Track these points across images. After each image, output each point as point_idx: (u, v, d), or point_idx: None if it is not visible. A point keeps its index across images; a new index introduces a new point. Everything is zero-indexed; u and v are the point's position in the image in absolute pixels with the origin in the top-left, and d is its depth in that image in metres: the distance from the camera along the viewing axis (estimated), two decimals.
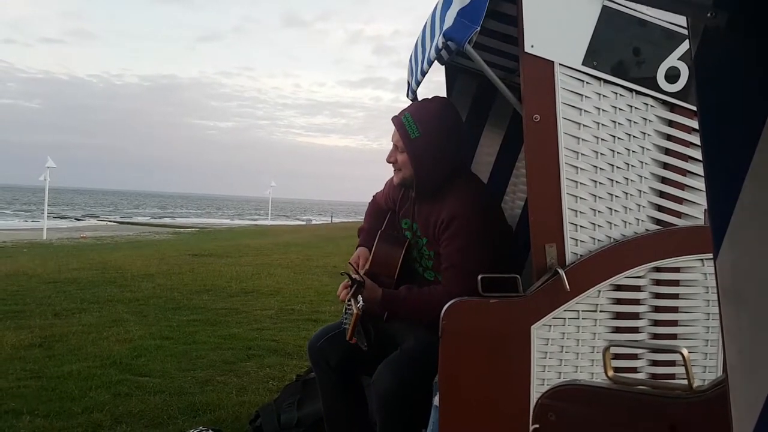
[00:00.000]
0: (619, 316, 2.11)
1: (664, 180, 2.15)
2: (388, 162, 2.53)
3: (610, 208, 2.11)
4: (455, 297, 2.08)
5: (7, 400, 3.90)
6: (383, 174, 2.91)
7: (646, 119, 2.13)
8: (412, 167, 2.42)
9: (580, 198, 2.08)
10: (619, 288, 2.10)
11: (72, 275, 9.45)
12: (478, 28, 2.05)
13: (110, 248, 15.88)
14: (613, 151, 2.11)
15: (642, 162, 2.13)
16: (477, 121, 3.45)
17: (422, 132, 2.39)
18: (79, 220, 49.79)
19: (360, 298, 2.35)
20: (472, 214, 2.37)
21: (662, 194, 2.15)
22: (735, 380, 0.79)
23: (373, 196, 2.94)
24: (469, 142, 3.19)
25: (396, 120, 2.46)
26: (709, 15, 0.76)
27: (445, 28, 2.12)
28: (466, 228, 2.34)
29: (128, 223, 45.87)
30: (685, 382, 1.13)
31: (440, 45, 2.18)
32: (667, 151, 2.15)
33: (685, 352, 1.09)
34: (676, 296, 2.14)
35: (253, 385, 4.33)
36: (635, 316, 2.12)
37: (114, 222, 47.05)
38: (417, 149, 2.40)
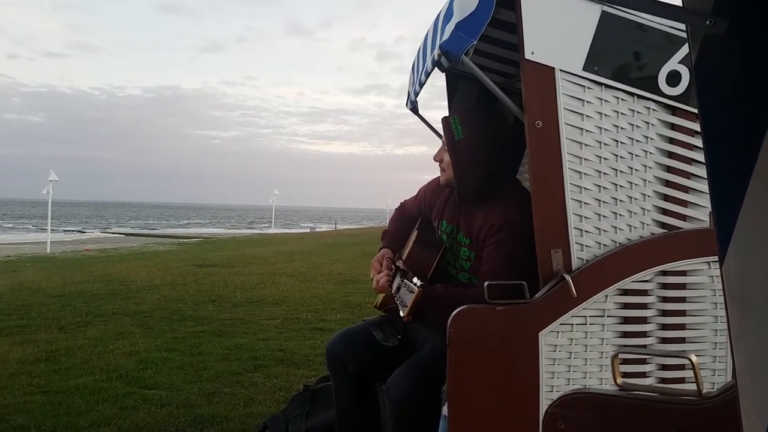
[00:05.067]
0: (626, 320, 2.11)
1: (668, 183, 2.15)
2: (435, 160, 2.55)
3: (615, 213, 2.11)
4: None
5: (14, 415, 3.90)
6: (388, 181, 2.93)
7: (648, 123, 2.13)
8: (454, 165, 2.45)
9: (585, 203, 2.08)
10: (626, 292, 2.10)
11: (77, 288, 9.47)
12: (475, 42, 2.06)
13: (114, 260, 15.90)
14: (617, 155, 2.11)
15: (645, 166, 2.13)
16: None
17: (466, 135, 2.42)
18: (82, 232, 49.90)
19: (416, 279, 2.34)
20: (521, 226, 2.34)
21: (667, 197, 2.15)
22: (744, 385, 0.79)
23: (401, 203, 2.97)
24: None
25: (444, 120, 2.49)
26: (708, 22, 0.76)
27: (442, 40, 2.13)
28: (516, 236, 2.34)
29: (132, 234, 45.94)
30: (695, 386, 1.12)
31: (436, 57, 2.19)
32: (671, 155, 2.15)
33: (693, 358, 1.09)
34: (683, 299, 2.14)
35: (260, 396, 4.32)
36: (643, 320, 2.12)
37: (118, 234, 47.13)
38: (459, 151, 2.42)
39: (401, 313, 2.38)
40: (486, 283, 2.03)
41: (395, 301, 2.47)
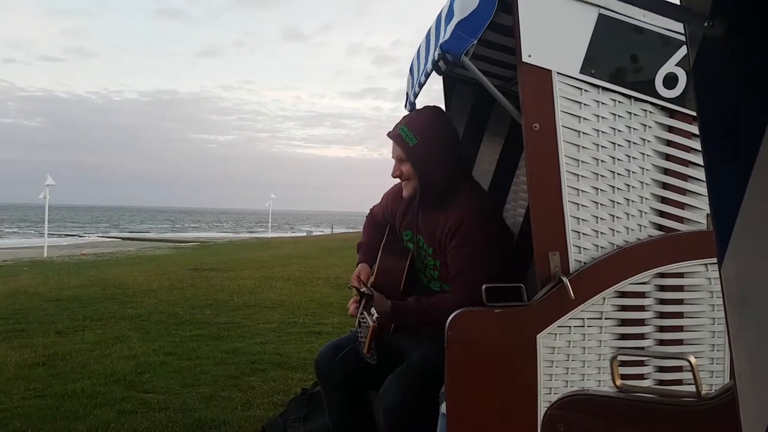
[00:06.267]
0: (624, 322, 2.11)
1: (665, 185, 2.15)
2: (394, 177, 2.52)
3: (613, 215, 2.11)
4: (465, 304, 2.08)
5: (11, 419, 3.88)
6: (385, 184, 2.92)
7: (645, 125, 2.14)
8: (416, 174, 2.44)
9: (582, 205, 2.09)
10: (623, 295, 2.10)
11: (74, 292, 9.44)
12: (475, 42, 2.06)
13: (111, 264, 15.85)
14: (614, 158, 2.11)
15: (643, 168, 2.13)
16: (476, 129, 3.46)
17: (420, 138, 2.42)
18: (80, 237, 49.78)
19: (374, 310, 2.34)
20: (478, 221, 2.39)
21: (664, 200, 2.15)
22: (743, 387, 0.79)
23: (370, 210, 2.94)
24: (466, 150, 3.22)
25: (393, 133, 2.49)
26: (706, 24, 0.77)
27: (442, 40, 2.13)
28: (473, 235, 2.35)
29: (129, 238, 45.86)
30: (693, 388, 1.12)
31: (437, 57, 2.19)
32: (668, 157, 2.16)
33: (692, 359, 1.09)
34: (680, 302, 2.14)
35: (258, 399, 4.31)
36: (641, 322, 2.12)
37: (114, 238, 47.04)
38: (418, 155, 2.42)
39: (363, 349, 2.37)
40: (484, 286, 2.03)
41: (358, 335, 2.47)
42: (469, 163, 3.39)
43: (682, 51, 2.08)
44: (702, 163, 0.83)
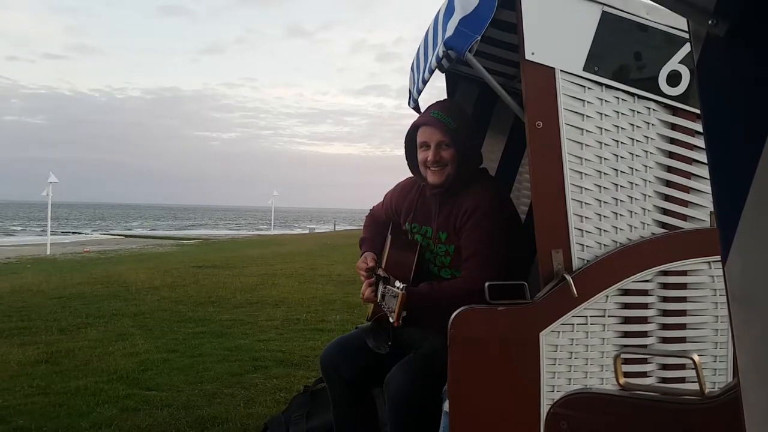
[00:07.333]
0: (627, 320, 2.11)
1: (668, 183, 2.15)
2: (435, 161, 2.45)
3: (616, 213, 2.11)
4: (477, 287, 2.08)
5: (14, 416, 3.90)
6: (387, 181, 2.92)
7: (648, 123, 2.13)
8: (456, 157, 2.45)
9: (585, 203, 2.08)
10: (626, 292, 2.10)
11: (77, 290, 9.47)
12: (479, 38, 2.06)
13: (114, 262, 15.90)
14: (617, 155, 2.11)
15: (646, 166, 2.13)
16: (479, 127, 3.45)
17: (455, 122, 2.47)
18: (82, 234, 49.82)
19: (398, 282, 2.34)
20: (495, 205, 2.42)
21: (667, 197, 2.15)
22: (747, 385, 0.79)
23: (371, 210, 2.95)
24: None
25: (429, 119, 2.49)
26: (710, 22, 0.77)
27: (446, 36, 2.13)
28: (488, 217, 2.37)
29: (132, 236, 45.91)
30: (696, 386, 1.12)
31: (441, 54, 2.19)
32: (671, 155, 2.15)
33: (696, 357, 1.09)
34: (684, 299, 2.14)
35: (261, 396, 4.32)
36: (644, 320, 2.12)
37: (117, 235, 47.09)
38: (460, 137, 2.46)
39: (390, 320, 2.37)
40: (487, 284, 2.03)
41: (382, 308, 2.46)
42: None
43: (686, 48, 2.08)
44: (705, 161, 0.83)
